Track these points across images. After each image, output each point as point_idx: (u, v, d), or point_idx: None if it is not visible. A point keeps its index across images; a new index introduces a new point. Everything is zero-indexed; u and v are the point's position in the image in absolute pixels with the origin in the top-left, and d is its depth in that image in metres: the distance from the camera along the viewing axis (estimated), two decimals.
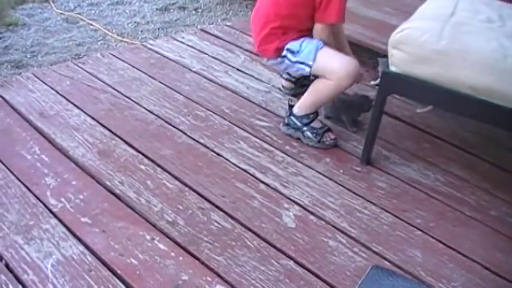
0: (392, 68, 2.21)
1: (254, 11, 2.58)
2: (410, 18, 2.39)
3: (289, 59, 2.47)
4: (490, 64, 2.05)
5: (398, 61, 2.18)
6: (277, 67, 2.62)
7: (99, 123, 2.53)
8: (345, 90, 2.48)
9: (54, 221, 1.96)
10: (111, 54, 3.16)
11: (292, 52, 2.45)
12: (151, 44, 3.15)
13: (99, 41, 3.79)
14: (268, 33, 2.46)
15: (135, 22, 4.14)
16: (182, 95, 2.80)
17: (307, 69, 2.44)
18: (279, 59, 2.50)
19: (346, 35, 3.03)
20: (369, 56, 3.17)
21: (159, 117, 2.61)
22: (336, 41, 2.56)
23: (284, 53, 2.47)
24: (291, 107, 2.58)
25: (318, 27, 2.45)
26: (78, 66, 3.02)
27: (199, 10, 4.47)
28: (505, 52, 2.06)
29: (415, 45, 2.13)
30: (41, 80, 2.86)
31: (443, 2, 2.66)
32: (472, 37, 2.16)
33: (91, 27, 4.01)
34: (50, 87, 2.80)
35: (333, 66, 2.41)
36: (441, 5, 2.59)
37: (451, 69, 2.11)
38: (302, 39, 2.45)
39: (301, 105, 2.55)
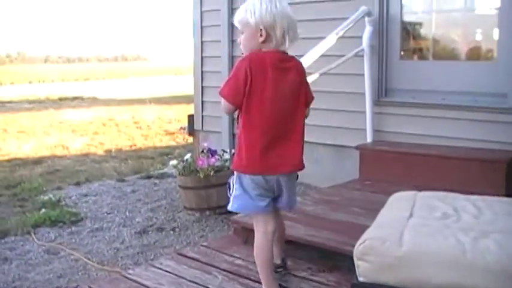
0: (361, 279, 2.29)
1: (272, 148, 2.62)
2: (372, 225, 2.53)
3: None
4: (451, 262, 2.16)
5: (365, 271, 2.27)
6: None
7: None
8: None
9: None
10: None
11: None
12: (130, 274, 3.21)
13: (80, 271, 3.84)
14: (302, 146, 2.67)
15: (114, 248, 4.23)
16: None
17: None
18: None
19: (316, 242, 3.18)
20: (342, 259, 3.25)
21: None
22: None
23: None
24: None
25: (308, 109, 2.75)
26: None
27: (177, 229, 4.61)
28: (463, 247, 2.18)
29: (378, 255, 2.24)
30: None
31: (402, 203, 2.83)
32: (430, 238, 2.29)
33: (72, 257, 4.09)
34: None
35: None
36: (399, 208, 2.76)
37: (416, 273, 2.20)
38: None
39: None
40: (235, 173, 2.64)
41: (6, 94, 22.27)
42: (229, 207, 2.69)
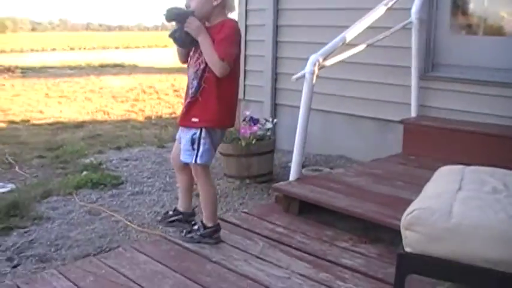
0: (408, 249, 2.25)
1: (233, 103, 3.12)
2: (419, 196, 2.48)
3: None
4: (501, 236, 2.10)
5: (412, 242, 2.23)
6: None
7: None
8: None
9: None
10: (133, 248, 3.23)
11: None
12: (171, 236, 3.23)
13: (121, 232, 3.89)
14: None
15: (155, 212, 4.27)
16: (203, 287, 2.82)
17: None
18: None
19: (358, 213, 3.14)
20: (384, 231, 3.22)
21: None
22: None
23: None
24: None
25: None
26: (101, 261, 3.08)
27: (218, 196, 4.62)
28: None
29: (427, 225, 2.19)
30: (64, 277, 2.90)
31: (450, 177, 2.77)
32: (480, 211, 2.22)
33: (112, 218, 4.14)
34: (74, 283, 2.83)
35: None
36: (448, 180, 2.69)
37: (465, 246, 2.15)
38: None
39: None
40: (202, 129, 2.99)
41: (48, 60, 22.57)
42: (199, 161, 3.02)
